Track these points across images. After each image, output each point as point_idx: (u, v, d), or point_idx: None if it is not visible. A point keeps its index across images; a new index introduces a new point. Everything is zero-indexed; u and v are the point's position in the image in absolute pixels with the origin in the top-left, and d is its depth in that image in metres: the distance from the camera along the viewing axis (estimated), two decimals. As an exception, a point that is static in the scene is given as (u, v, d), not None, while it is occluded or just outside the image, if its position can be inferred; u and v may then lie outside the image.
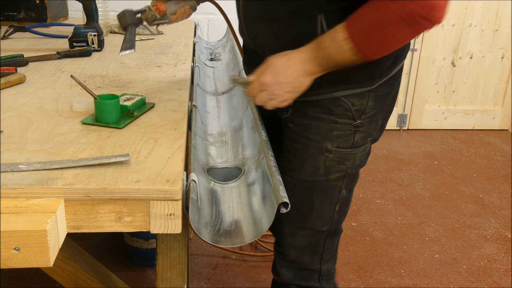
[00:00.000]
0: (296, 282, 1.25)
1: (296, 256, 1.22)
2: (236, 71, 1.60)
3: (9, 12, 1.97)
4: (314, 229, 1.19)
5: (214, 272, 1.98)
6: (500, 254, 2.17)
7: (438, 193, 2.69)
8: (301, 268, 1.24)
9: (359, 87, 1.05)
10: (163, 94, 1.21)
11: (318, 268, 1.25)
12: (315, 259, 1.23)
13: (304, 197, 1.16)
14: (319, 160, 1.11)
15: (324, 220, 1.18)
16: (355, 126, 1.08)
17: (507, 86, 3.56)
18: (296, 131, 1.12)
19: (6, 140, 0.90)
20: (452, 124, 3.60)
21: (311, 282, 1.26)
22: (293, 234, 1.20)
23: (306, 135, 1.10)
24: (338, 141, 1.09)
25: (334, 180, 1.14)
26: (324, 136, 1.09)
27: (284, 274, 1.25)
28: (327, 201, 1.16)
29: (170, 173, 0.81)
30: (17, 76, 1.23)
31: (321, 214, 1.17)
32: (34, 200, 0.74)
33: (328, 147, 1.09)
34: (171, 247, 0.94)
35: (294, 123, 1.12)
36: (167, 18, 1.17)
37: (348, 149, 1.10)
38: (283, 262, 1.25)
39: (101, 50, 1.64)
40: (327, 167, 1.12)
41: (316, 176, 1.13)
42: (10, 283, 1.85)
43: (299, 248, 1.22)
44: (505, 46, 3.46)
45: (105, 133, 0.96)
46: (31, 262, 0.69)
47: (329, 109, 1.06)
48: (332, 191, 1.15)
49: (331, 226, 1.20)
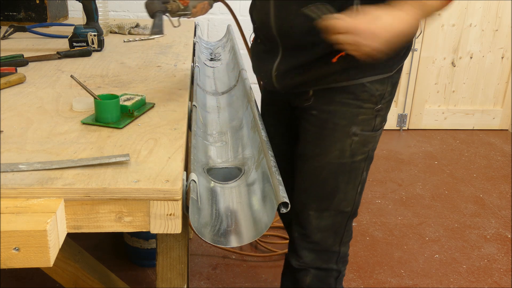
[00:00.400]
0: (317, 264, 1.30)
1: (320, 238, 1.27)
2: (236, 71, 1.60)
3: (9, 12, 1.97)
4: (338, 209, 1.24)
5: (214, 272, 1.98)
6: (500, 254, 2.17)
7: (438, 193, 2.69)
8: (322, 250, 1.29)
9: (381, 73, 1.11)
10: (163, 94, 1.21)
11: (338, 250, 1.30)
12: (336, 241, 1.29)
13: (330, 179, 1.21)
14: (346, 143, 1.17)
15: (348, 201, 1.24)
16: (377, 110, 1.15)
17: (507, 86, 3.56)
18: (323, 117, 1.17)
19: (6, 140, 0.90)
20: (452, 124, 3.60)
21: (330, 264, 1.31)
22: (319, 216, 1.25)
23: (333, 120, 1.15)
24: (362, 124, 1.15)
25: (358, 162, 1.20)
26: (351, 121, 1.15)
27: (306, 256, 1.29)
28: (351, 183, 1.22)
29: (170, 173, 0.81)
30: (17, 76, 1.23)
31: (346, 196, 1.23)
32: (34, 200, 0.74)
33: (354, 131, 1.15)
34: (171, 247, 0.94)
35: (319, 110, 1.17)
36: (189, 10, 1.22)
37: (370, 132, 1.17)
38: (305, 244, 1.29)
39: (101, 50, 1.64)
40: (353, 150, 1.18)
41: (342, 158, 1.18)
42: (10, 283, 1.85)
43: (324, 229, 1.26)
44: (505, 46, 3.45)
45: (105, 133, 0.96)
46: (31, 262, 0.69)
47: (356, 95, 1.12)
48: (356, 173, 1.21)
49: (353, 207, 1.26)
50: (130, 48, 1.71)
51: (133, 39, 1.84)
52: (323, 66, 1.12)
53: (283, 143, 1.39)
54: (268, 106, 1.41)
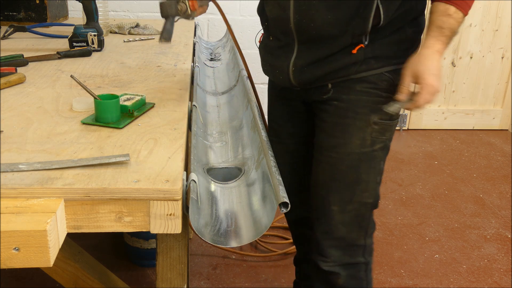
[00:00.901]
0: (345, 260, 1.30)
1: (344, 232, 1.27)
2: (236, 71, 1.60)
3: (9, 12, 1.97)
4: (361, 201, 1.25)
5: (214, 272, 1.98)
6: (500, 254, 2.17)
7: (438, 193, 2.69)
8: (348, 245, 1.29)
9: (398, 63, 1.16)
10: (163, 94, 1.21)
11: (363, 243, 1.31)
12: (361, 234, 1.29)
13: (352, 170, 1.22)
14: (367, 131, 1.19)
15: (369, 192, 1.25)
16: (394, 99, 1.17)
17: (507, 86, 3.56)
18: (343, 106, 1.18)
19: (6, 140, 0.90)
20: (452, 124, 3.60)
21: (357, 258, 1.31)
22: (342, 210, 1.25)
23: (355, 109, 1.18)
24: (381, 113, 1.17)
25: (377, 150, 1.22)
26: (371, 109, 1.17)
27: (332, 255, 1.29)
28: (372, 172, 1.23)
29: (170, 173, 0.81)
30: (17, 76, 1.23)
31: (367, 186, 1.24)
32: (34, 200, 0.74)
33: (374, 120, 1.18)
34: (171, 247, 0.94)
35: (340, 100, 1.19)
36: (193, 15, 1.24)
37: (388, 121, 1.20)
38: (330, 242, 1.29)
39: (101, 50, 1.64)
40: (373, 138, 1.20)
41: (363, 147, 1.20)
42: (10, 283, 1.85)
43: (348, 223, 1.26)
44: (505, 46, 3.45)
45: (105, 133, 0.96)
46: (31, 262, 0.69)
47: (376, 84, 1.16)
48: (375, 162, 1.23)
49: (375, 198, 1.27)
50: (130, 48, 1.71)
51: (133, 39, 1.84)
52: (343, 58, 1.14)
53: (294, 144, 1.39)
54: (278, 103, 1.40)
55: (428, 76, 1.08)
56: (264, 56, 1.30)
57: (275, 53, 1.24)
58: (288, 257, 2.08)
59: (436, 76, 1.09)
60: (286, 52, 1.19)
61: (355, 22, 1.10)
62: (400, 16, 1.14)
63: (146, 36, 1.92)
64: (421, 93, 1.09)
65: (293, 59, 1.18)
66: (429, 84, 1.08)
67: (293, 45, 1.18)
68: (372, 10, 1.09)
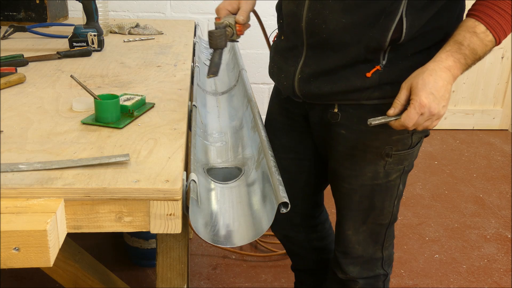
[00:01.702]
0: (364, 275, 1.27)
1: (361, 251, 1.24)
2: (236, 71, 1.60)
3: (9, 12, 1.97)
4: (375, 223, 1.20)
5: (214, 272, 1.98)
6: (500, 254, 2.17)
7: (438, 193, 2.69)
8: (366, 260, 1.26)
9: None
10: (163, 94, 1.21)
11: (381, 256, 1.26)
12: (377, 248, 1.25)
13: (365, 199, 1.16)
14: (379, 165, 1.10)
15: (385, 216, 1.20)
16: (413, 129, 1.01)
17: (507, 86, 3.56)
18: (353, 138, 1.08)
19: (6, 140, 0.90)
20: (452, 124, 3.60)
21: (376, 270, 1.28)
22: (356, 233, 1.21)
23: (364, 141, 1.07)
24: (397, 145, 1.08)
25: (394, 179, 1.14)
26: (384, 142, 1.07)
27: (351, 271, 1.26)
28: (388, 200, 1.17)
29: (170, 173, 0.81)
30: (17, 76, 1.23)
31: (382, 211, 1.18)
32: (34, 200, 0.74)
33: (388, 152, 1.08)
34: (171, 247, 0.94)
35: (349, 130, 1.08)
36: (238, 39, 1.17)
37: (406, 150, 1.10)
38: (349, 260, 1.26)
39: (101, 50, 1.64)
40: (387, 171, 1.11)
41: (376, 180, 1.12)
42: (10, 283, 1.85)
43: (363, 242, 1.23)
44: (505, 46, 3.45)
45: (105, 133, 0.96)
46: (31, 262, 0.69)
47: None
48: (392, 191, 1.15)
49: (391, 218, 1.21)
50: (130, 48, 1.71)
51: (133, 39, 1.84)
52: (355, 79, 1.02)
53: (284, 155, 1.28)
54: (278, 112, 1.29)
55: (422, 92, 0.92)
56: (274, 56, 1.20)
57: (284, 55, 1.14)
58: (288, 257, 2.08)
59: (433, 96, 0.91)
60: (295, 56, 1.09)
61: (371, 32, 0.97)
62: (427, 35, 1.00)
63: (146, 36, 1.92)
64: (408, 110, 0.93)
65: (300, 64, 1.08)
66: (420, 102, 0.91)
67: (301, 49, 1.07)
68: (394, 21, 0.96)
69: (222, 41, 1.11)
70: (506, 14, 0.93)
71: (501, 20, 0.93)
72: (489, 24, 0.93)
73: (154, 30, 1.99)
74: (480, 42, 0.93)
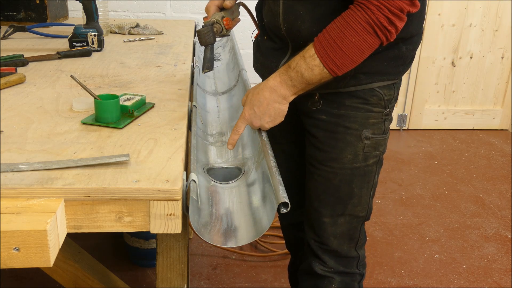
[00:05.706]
0: (340, 269, 1.30)
1: (336, 245, 1.27)
2: (236, 71, 1.60)
3: (9, 12, 1.97)
4: (353, 215, 1.24)
5: (214, 272, 1.98)
6: (500, 254, 2.17)
7: (438, 193, 2.69)
8: (341, 256, 1.29)
9: (389, 79, 1.14)
10: (163, 94, 1.21)
11: (356, 255, 1.30)
12: (351, 246, 1.29)
13: (344, 184, 1.20)
14: (358, 147, 1.17)
15: (362, 206, 1.24)
16: (386, 114, 1.16)
17: (507, 86, 3.56)
18: (333, 121, 1.16)
19: (6, 140, 0.90)
20: (452, 124, 3.60)
21: (352, 269, 1.31)
22: (334, 223, 1.24)
23: (344, 124, 1.15)
24: (373, 128, 1.16)
25: (371, 165, 1.20)
26: (362, 124, 1.15)
27: (328, 261, 1.29)
28: (365, 187, 1.22)
29: (170, 173, 0.81)
30: (17, 76, 1.23)
31: (360, 200, 1.23)
32: (34, 200, 0.74)
33: (366, 134, 1.16)
34: (171, 247, 0.94)
35: (329, 114, 1.16)
36: (229, 33, 1.21)
37: (381, 135, 1.18)
38: (324, 251, 1.29)
39: (101, 50, 1.64)
40: (365, 153, 1.18)
41: (356, 162, 1.18)
42: (10, 283, 1.85)
43: (339, 236, 1.26)
44: (505, 46, 3.45)
45: (105, 133, 0.96)
46: (31, 262, 0.69)
47: (366, 99, 1.13)
48: (369, 177, 1.21)
49: (367, 211, 1.26)
50: (130, 48, 1.71)
51: (133, 39, 1.84)
52: None
53: (288, 143, 1.37)
54: None
55: (246, 108, 1.09)
56: (256, 53, 1.28)
57: (268, 53, 1.22)
58: (288, 257, 2.08)
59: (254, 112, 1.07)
60: (280, 54, 1.18)
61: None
62: None
63: (146, 36, 1.92)
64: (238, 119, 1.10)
65: (283, 61, 1.16)
66: (243, 116, 1.09)
67: (287, 48, 1.16)
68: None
69: (210, 38, 1.15)
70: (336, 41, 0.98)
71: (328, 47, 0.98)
72: (318, 49, 0.99)
73: (154, 30, 1.99)
74: (306, 65, 1.01)
